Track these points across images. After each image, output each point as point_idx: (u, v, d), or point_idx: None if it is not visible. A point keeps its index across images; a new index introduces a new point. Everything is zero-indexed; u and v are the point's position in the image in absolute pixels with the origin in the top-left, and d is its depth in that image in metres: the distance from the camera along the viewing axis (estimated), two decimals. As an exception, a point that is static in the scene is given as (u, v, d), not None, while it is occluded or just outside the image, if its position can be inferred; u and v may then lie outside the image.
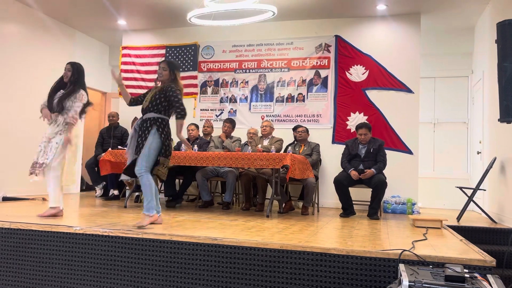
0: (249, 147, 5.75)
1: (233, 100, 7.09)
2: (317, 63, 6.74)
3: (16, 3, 6.46)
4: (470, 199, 5.17)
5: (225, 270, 3.08)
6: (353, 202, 5.29)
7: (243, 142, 6.21)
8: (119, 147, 6.43)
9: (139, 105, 4.09)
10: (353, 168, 5.24)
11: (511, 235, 4.21)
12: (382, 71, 6.47)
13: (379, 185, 5.05)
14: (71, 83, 4.18)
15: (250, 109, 7.01)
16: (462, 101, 7.59)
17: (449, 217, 5.01)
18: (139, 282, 3.24)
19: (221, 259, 3.09)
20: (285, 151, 5.87)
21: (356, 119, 6.43)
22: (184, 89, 4.12)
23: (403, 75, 6.38)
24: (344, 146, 5.58)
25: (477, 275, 2.41)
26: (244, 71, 7.07)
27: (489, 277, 2.41)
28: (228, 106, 7.11)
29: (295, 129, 6.10)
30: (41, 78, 6.70)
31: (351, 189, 5.28)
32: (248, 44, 7.07)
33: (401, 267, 2.54)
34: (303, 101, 6.76)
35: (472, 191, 5.19)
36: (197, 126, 6.34)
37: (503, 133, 4.99)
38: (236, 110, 7.06)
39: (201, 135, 6.41)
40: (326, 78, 6.69)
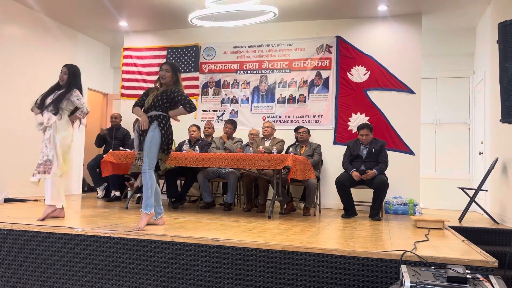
0: (251, 148, 5.75)
1: (234, 101, 7.09)
2: (318, 64, 6.74)
3: (18, 5, 6.47)
4: (472, 200, 5.16)
5: (226, 271, 3.08)
6: (355, 203, 5.29)
7: (244, 143, 6.22)
8: (121, 148, 6.43)
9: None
10: (354, 169, 5.24)
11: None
12: (383, 71, 6.47)
13: (380, 186, 5.05)
14: (67, 86, 4.17)
15: (251, 110, 7.01)
16: (463, 102, 7.57)
17: (451, 218, 5.00)
18: (141, 283, 3.24)
19: (223, 260, 3.09)
20: (287, 152, 5.86)
21: (357, 120, 6.43)
22: (185, 91, 4.14)
23: (405, 76, 6.38)
24: (345, 147, 5.58)
25: (479, 276, 2.41)
26: (245, 72, 7.08)
27: (491, 278, 2.40)
28: (229, 107, 7.11)
29: (296, 130, 6.10)
30: (43, 79, 6.69)
31: (352, 190, 5.28)
32: (249, 45, 7.07)
33: (403, 268, 2.54)
34: (305, 102, 6.76)
35: (474, 191, 5.18)
36: (198, 127, 6.34)
37: (504, 133, 4.98)
38: (237, 111, 7.07)
39: (203, 136, 6.41)
40: (327, 79, 6.69)
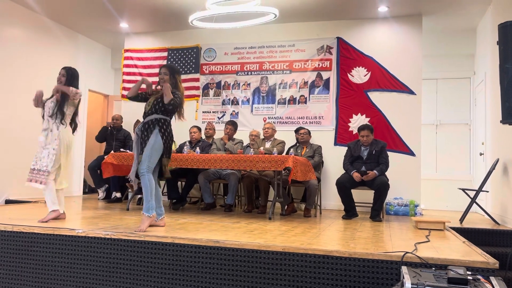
0: (251, 149, 5.75)
1: (235, 102, 7.10)
2: (319, 65, 6.75)
3: (19, 7, 6.49)
4: (473, 200, 5.15)
5: (227, 272, 3.08)
6: (356, 204, 5.28)
7: (245, 144, 6.22)
8: (122, 149, 6.44)
9: (138, 101, 4.13)
10: (355, 170, 5.24)
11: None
12: (384, 72, 6.47)
13: (381, 187, 5.05)
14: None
15: (252, 111, 7.02)
16: (464, 103, 7.57)
17: (452, 219, 5.00)
18: (142, 285, 3.24)
19: (224, 262, 3.09)
20: (287, 153, 5.86)
21: (358, 121, 6.43)
22: (186, 92, 4.16)
23: (405, 77, 6.38)
24: (346, 148, 5.58)
25: (480, 277, 2.40)
26: (246, 73, 7.08)
27: (492, 279, 2.40)
28: (230, 108, 7.12)
29: (297, 131, 6.11)
30: (44, 81, 6.71)
31: (353, 191, 5.27)
32: (250, 46, 7.08)
33: (404, 269, 2.54)
34: (305, 103, 6.76)
35: (474, 192, 5.18)
36: (199, 128, 6.35)
37: (505, 134, 4.98)
38: (238, 112, 7.07)
39: (203, 137, 6.42)
40: (328, 80, 6.69)
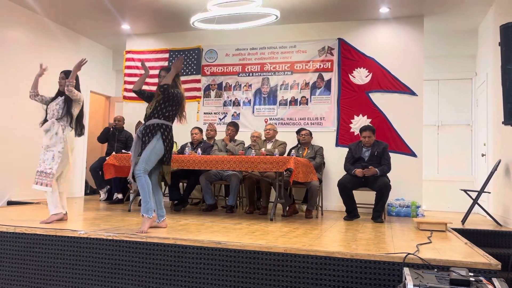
0: (253, 151, 5.75)
1: (236, 103, 7.10)
2: (320, 66, 6.75)
3: (20, 9, 6.50)
4: (475, 201, 5.15)
5: (229, 273, 3.08)
6: (357, 205, 5.28)
7: (246, 145, 6.22)
8: (123, 151, 6.45)
9: (141, 98, 4.15)
10: (355, 168, 5.24)
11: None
12: (385, 73, 6.46)
13: (383, 188, 5.04)
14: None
15: (253, 112, 7.02)
16: (466, 104, 7.57)
17: (454, 220, 5.00)
18: (144, 286, 3.24)
19: (225, 263, 3.09)
20: (289, 154, 5.86)
21: (359, 122, 6.43)
22: (187, 93, 4.15)
23: (407, 78, 6.37)
24: (347, 149, 5.57)
25: (482, 278, 2.40)
26: (247, 74, 7.09)
27: (495, 280, 2.40)
28: (231, 109, 7.12)
29: (298, 132, 6.10)
30: (46, 82, 6.69)
31: (355, 192, 5.27)
32: (251, 47, 7.09)
33: (406, 270, 2.54)
34: (307, 104, 6.76)
35: (476, 193, 5.17)
36: (200, 129, 6.35)
37: (507, 135, 4.97)
38: (239, 113, 7.07)
39: (205, 138, 6.42)
40: (329, 81, 6.69)
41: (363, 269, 2.84)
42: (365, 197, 5.68)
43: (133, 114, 7.17)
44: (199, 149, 5.82)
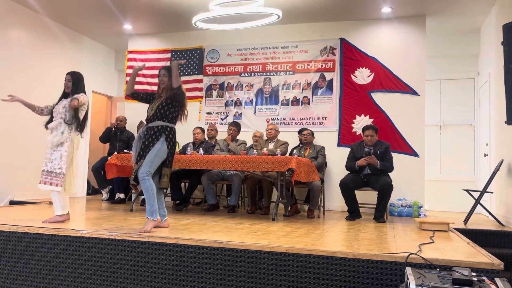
0: (255, 150, 5.75)
1: (238, 103, 7.10)
2: (322, 66, 6.74)
3: (22, 9, 6.52)
4: (477, 201, 5.13)
5: (231, 273, 3.08)
6: (359, 205, 5.27)
7: (248, 145, 6.22)
8: (125, 150, 6.46)
9: (138, 101, 4.12)
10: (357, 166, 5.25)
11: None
12: (387, 73, 6.45)
13: (385, 188, 5.04)
14: (73, 92, 4.18)
15: (255, 112, 7.02)
16: (468, 103, 7.55)
17: (456, 220, 4.99)
18: (145, 285, 3.25)
19: (227, 263, 3.09)
20: (291, 154, 5.86)
21: (361, 122, 6.42)
22: (189, 93, 4.15)
23: (409, 78, 6.36)
24: (349, 149, 5.57)
25: (484, 278, 2.39)
26: (249, 74, 7.09)
27: (497, 280, 2.39)
28: (233, 109, 7.12)
29: (300, 132, 6.10)
30: (48, 82, 6.76)
31: (357, 192, 5.26)
32: (253, 47, 7.08)
33: (408, 270, 2.53)
34: (308, 104, 6.76)
35: (479, 193, 5.16)
36: (202, 129, 6.35)
37: (510, 135, 4.96)
38: (241, 113, 7.07)
39: (207, 138, 6.42)
40: (331, 81, 6.69)
41: (365, 269, 2.84)
42: (367, 197, 5.67)
43: (135, 114, 7.17)
44: (201, 149, 5.82)
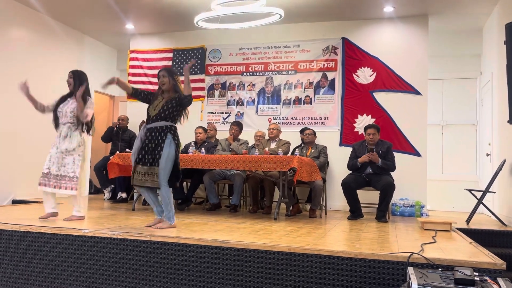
0: (256, 150, 5.75)
1: (240, 103, 7.10)
2: (324, 65, 6.74)
3: (24, 8, 6.53)
4: (479, 201, 5.12)
5: (232, 272, 3.08)
6: (361, 204, 5.27)
7: (250, 145, 6.22)
8: (127, 150, 6.47)
9: (139, 100, 4.10)
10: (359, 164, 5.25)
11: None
12: (389, 73, 6.44)
13: (387, 188, 5.03)
14: (76, 87, 4.19)
15: (257, 112, 7.02)
16: (470, 103, 7.53)
17: (459, 220, 4.98)
18: (147, 284, 3.25)
19: (229, 262, 3.10)
20: (293, 153, 5.86)
21: (363, 121, 6.41)
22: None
23: (411, 77, 6.35)
24: (351, 148, 5.57)
25: (487, 278, 2.39)
26: (251, 74, 7.09)
27: (499, 280, 2.38)
28: (235, 109, 7.12)
29: (302, 131, 6.10)
30: (50, 82, 6.76)
31: (359, 192, 5.26)
32: (255, 47, 7.08)
33: (410, 270, 2.53)
34: (310, 103, 6.75)
35: (481, 193, 5.15)
36: (204, 129, 6.36)
37: (512, 135, 4.94)
38: (243, 113, 7.07)
39: (209, 138, 6.43)
40: (333, 80, 6.68)
41: (367, 269, 2.84)
42: (369, 197, 5.66)
43: (137, 113, 7.17)
44: (203, 149, 5.83)
